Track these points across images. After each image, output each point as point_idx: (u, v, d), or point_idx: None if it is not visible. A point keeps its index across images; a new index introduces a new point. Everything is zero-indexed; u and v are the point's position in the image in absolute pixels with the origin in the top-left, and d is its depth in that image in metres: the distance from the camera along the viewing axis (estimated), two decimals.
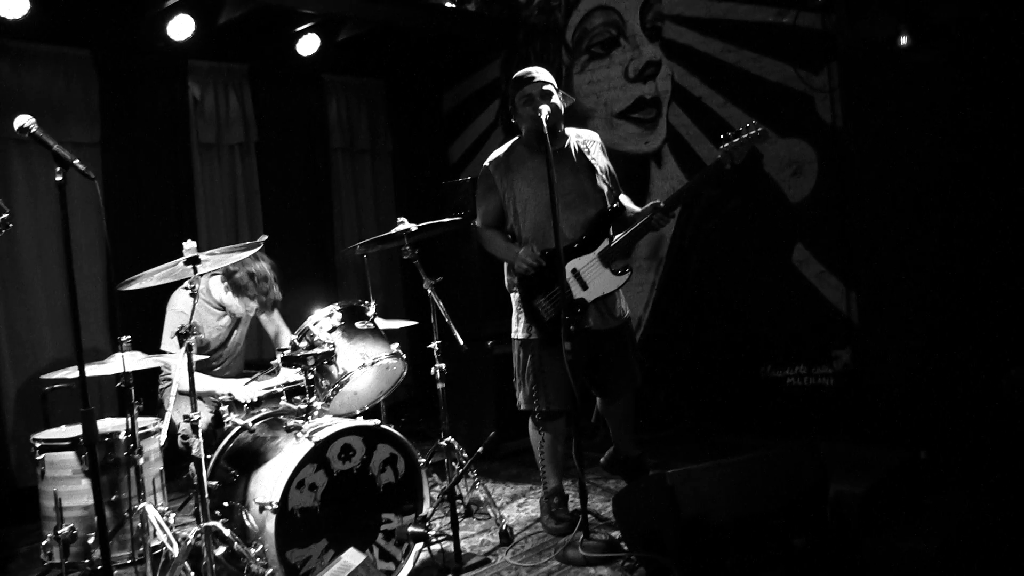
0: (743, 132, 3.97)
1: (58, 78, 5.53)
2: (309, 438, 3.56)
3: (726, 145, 3.97)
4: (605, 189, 4.23)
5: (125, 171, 5.75)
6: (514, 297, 4.32)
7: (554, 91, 4.10)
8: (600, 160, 4.29)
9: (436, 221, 4.46)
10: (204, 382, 4.38)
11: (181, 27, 5.59)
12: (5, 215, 2.91)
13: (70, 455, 3.71)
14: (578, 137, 4.31)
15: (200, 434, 3.42)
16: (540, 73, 4.13)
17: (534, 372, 4.23)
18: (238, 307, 4.65)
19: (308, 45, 6.29)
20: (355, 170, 7.25)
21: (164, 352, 4.46)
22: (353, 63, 7.06)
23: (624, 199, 4.35)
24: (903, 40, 4.83)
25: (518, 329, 4.31)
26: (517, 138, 4.32)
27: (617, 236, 4.13)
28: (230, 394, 4.08)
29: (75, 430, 3.83)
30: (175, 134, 6.03)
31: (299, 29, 6.20)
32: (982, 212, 4.74)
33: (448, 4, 6.82)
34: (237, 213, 6.37)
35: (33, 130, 2.86)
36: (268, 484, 3.52)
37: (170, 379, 4.56)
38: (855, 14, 5.09)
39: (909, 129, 4.97)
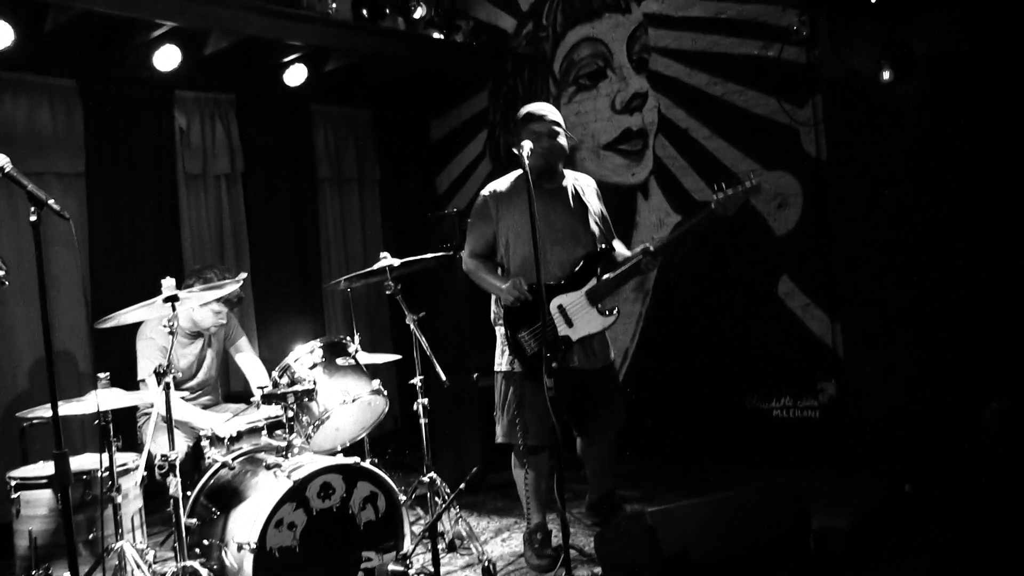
0: (738, 184, 3.96)
1: (43, 108, 5.50)
2: (288, 476, 3.55)
3: (720, 196, 3.97)
4: (597, 232, 4.26)
5: (110, 201, 5.72)
6: (499, 330, 4.29)
7: (561, 131, 4.18)
8: (594, 204, 4.34)
9: (418, 257, 4.47)
10: (185, 412, 4.36)
11: (167, 57, 5.57)
12: (2, 272, 2.88)
13: (46, 493, 3.66)
14: (576, 180, 4.36)
15: (177, 472, 3.40)
16: (551, 112, 4.21)
17: (516, 406, 4.19)
18: (209, 317, 4.62)
19: (295, 75, 6.28)
20: (342, 200, 7.23)
21: (142, 381, 4.45)
22: (341, 93, 7.07)
23: (617, 244, 4.35)
24: (885, 74, 4.86)
25: (501, 362, 4.28)
26: (521, 172, 4.27)
27: (605, 276, 4.12)
28: (212, 429, 4.07)
29: (52, 467, 3.78)
30: (161, 164, 6.01)
31: (286, 60, 6.20)
32: (965, 246, 4.77)
33: (436, 35, 6.84)
34: (223, 244, 6.34)
35: (7, 170, 2.83)
36: (246, 523, 3.51)
37: (148, 413, 4.54)
38: (838, 48, 5.12)
39: (892, 162, 5.00)
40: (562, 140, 4.16)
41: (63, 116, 5.59)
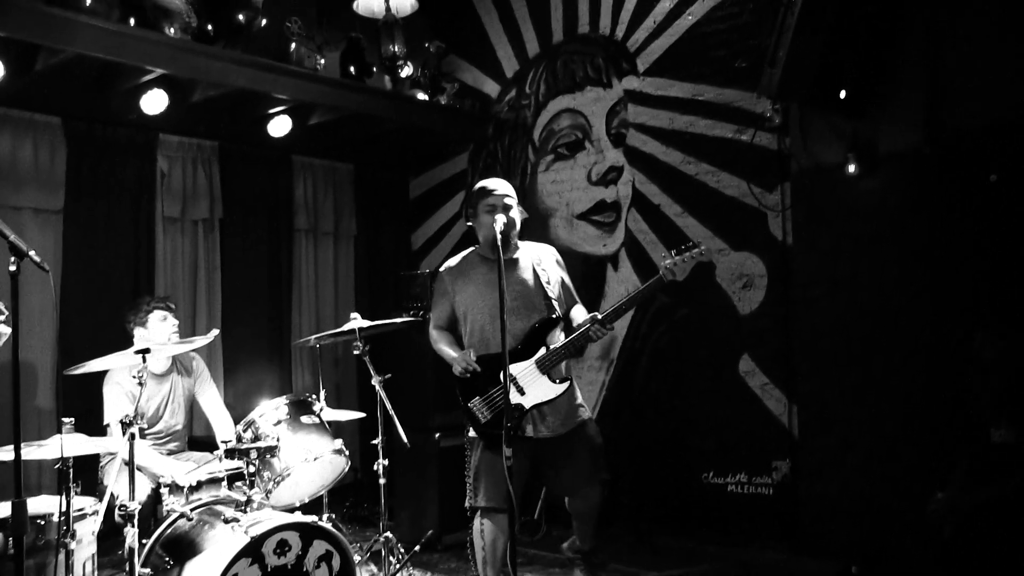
0: (686, 250, 4.10)
1: (26, 143, 5.55)
2: (245, 532, 3.57)
3: (668, 262, 4.10)
4: (553, 300, 4.32)
5: (86, 240, 5.75)
6: None
7: (514, 204, 4.26)
8: (552, 272, 4.42)
9: (387, 320, 4.55)
10: (147, 458, 4.38)
11: (154, 102, 5.59)
12: (2, 316, 2.92)
13: None
14: (533, 250, 4.49)
15: (136, 523, 3.42)
16: (501, 186, 4.31)
17: (474, 468, 4.29)
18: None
19: (279, 127, 6.33)
20: (317, 253, 7.28)
21: (107, 426, 4.47)
22: (323, 146, 7.16)
23: (577, 311, 4.45)
24: (851, 168, 5.04)
25: (467, 427, 4.35)
26: (474, 248, 4.49)
27: (554, 345, 4.19)
28: (172, 477, 4.09)
29: (6, 508, 3.76)
30: (140, 206, 6.05)
31: (271, 111, 6.27)
32: (920, 333, 4.90)
33: (421, 95, 6.97)
34: (196, 289, 6.37)
35: None
36: None
37: (111, 455, 4.55)
38: (808, 139, 5.30)
39: (853, 251, 5.15)
40: (514, 214, 4.25)
41: (46, 153, 5.64)
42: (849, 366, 5.17)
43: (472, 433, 4.31)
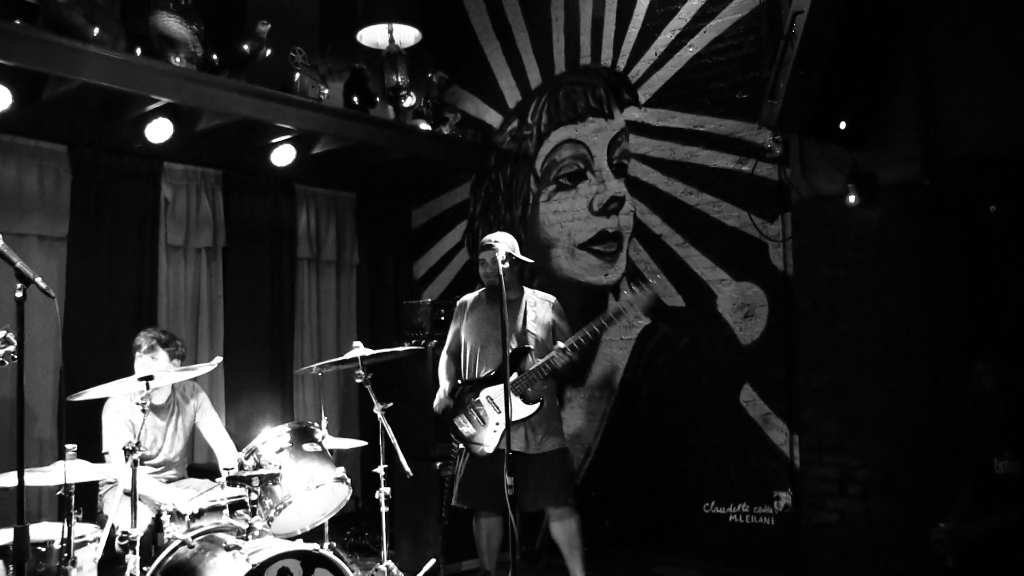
0: (635, 287, 4.85)
1: (31, 171, 5.57)
2: (247, 560, 3.56)
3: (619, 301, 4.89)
4: (530, 335, 4.95)
5: (90, 267, 5.75)
6: None
7: (505, 257, 4.46)
8: (543, 316, 5.03)
9: (390, 349, 4.60)
10: (148, 486, 4.36)
11: (160, 131, 5.66)
12: (11, 347, 2.94)
13: None
14: (534, 295, 5.11)
15: (137, 550, 3.41)
16: (500, 239, 4.87)
17: (460, 473, 4.97)
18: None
19: (283, 156, 6.39)
20: (320, 281, 7.29)
21: (106, 453, 4.46)
22: (326, 175, 7.20)
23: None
24: (851, 198, 5.06)
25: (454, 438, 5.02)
26: (483, 287, 5.14)
27: (525, 371, 4.76)
28: (174, 505, 4.07)
29: (7, 535, 3.74)
30: (144, 234, 6.06)
31: (275, 141, 6.33)
32: (920, 362, 4.91)
33: (424, 125, 7.02)
34: (199, 317, 6.38)
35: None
36: None
37: (110, 483, 4.54)
38: (807, 170, 5.33)
39: (853, 281, 5.17)
40: (504, 264, 4.47)
41: (51, 180, 5.65)
42: (850, 395, 5.17)
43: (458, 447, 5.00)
